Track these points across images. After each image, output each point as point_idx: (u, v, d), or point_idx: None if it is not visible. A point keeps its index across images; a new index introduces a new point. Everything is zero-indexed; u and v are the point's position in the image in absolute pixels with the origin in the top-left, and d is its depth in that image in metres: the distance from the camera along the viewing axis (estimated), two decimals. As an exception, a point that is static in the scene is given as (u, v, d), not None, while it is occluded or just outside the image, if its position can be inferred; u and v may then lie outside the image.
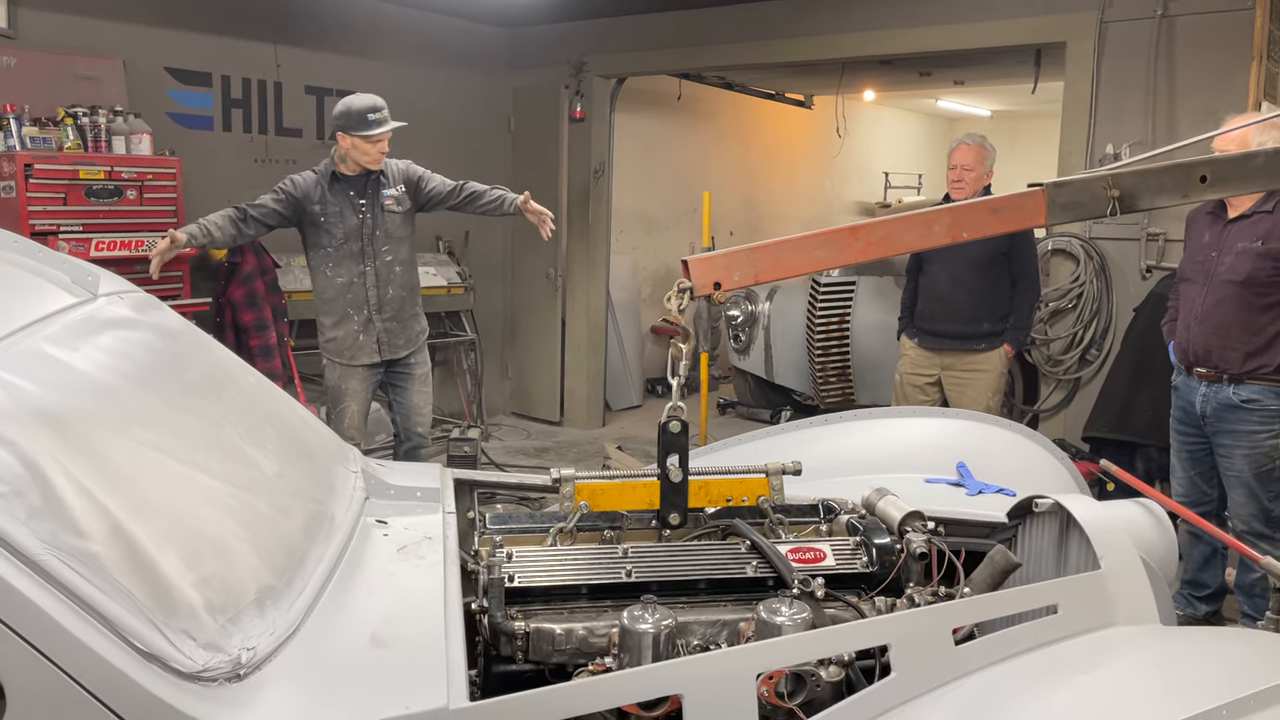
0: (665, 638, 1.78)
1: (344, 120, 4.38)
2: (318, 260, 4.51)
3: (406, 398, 4.71)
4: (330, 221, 4.45)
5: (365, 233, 4.50)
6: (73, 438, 1.46)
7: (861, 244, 2.09)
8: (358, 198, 4.49)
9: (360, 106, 4.38)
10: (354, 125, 4.36)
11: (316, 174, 4.49)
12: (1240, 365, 3.62)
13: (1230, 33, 4.88)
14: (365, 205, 4.49)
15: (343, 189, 4.47)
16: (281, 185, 4.45)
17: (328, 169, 4.50)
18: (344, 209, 4.46)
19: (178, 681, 1.32)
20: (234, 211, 4.41)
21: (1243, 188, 2.31)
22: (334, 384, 4.59)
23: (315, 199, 4.43)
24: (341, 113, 4.39)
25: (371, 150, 4.42)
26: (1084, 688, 1.75)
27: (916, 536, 2.12)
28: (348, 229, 4.46)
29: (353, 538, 1.84)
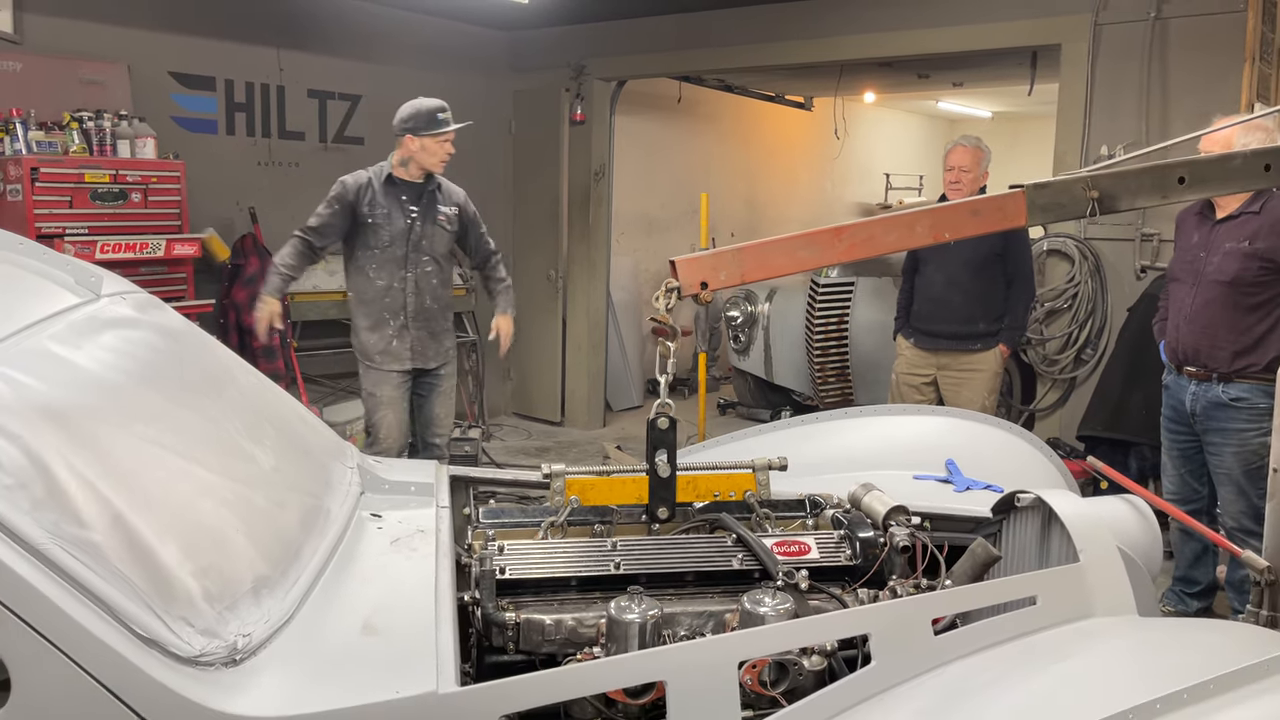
0: (651, 627, 1.83)
1: (414, 122, 4.37)
2: (361, 260, 4.49)
3: (429, 407, 4.70)
4: (378, 222, 4.43)
5: (412, 239, 4.49)
6: (76, 432, 1.52)
7: (845, 245, 2.14)
8: (409, 203, 4.48)
9: (430, 107, 4.39)
10: (424, 125, 4.37)
11: (369, 174, 4.47)
12: (1229, 364, 3.66)
13: (1223, 35, 4.93)
14: (416, 213, 4.48)
15: (395, 192, 4.46)
16: (332, 193, 4.42)
17: (382, 171, 4.48)
18: (393, 212, 4.45)
19: (176, 665, 1.38)
20: (298, 242, 4.40)
21: (1221, 188, 2.35)
22: (369, 390, 4.55)
23: (365, 199, 4.41)
24: (410, 115, 4.39)
25: (440, 150, 4.43)
26: (1059, 675, 1.80)
27: (900, 530, 2.16)
28: (394, 232, 4.45)
29: (347, 530, 1.89)
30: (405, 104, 4.44)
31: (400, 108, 4.43)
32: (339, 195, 4.39)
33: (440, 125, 4.38)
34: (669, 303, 2.10)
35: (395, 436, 4.57)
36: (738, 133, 9.97)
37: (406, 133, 4.38)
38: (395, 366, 4.52)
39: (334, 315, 6.56)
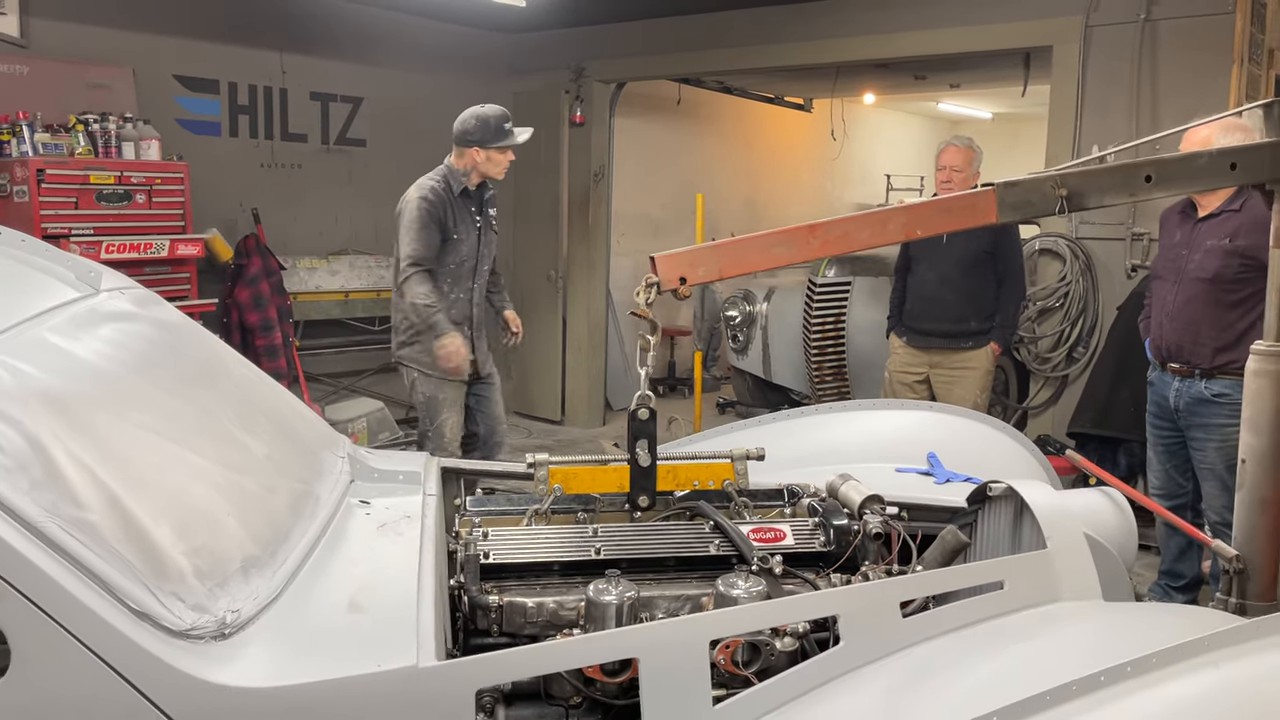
0: (628, 609, 1.89)
1: (481, 133, 4.27)
2: (436, 274, 4.36)
3: (492, 409, 4.67)
4: (460, 238, 4.36)
5: (480, 250, 4.46)
6: (73, 418, 1.59)
7: (819, 241, 2.20)
8: (476, 213, 4.44)
9: (496, 119, 4.29)
10: (493, 137, 4.28)
11: (440, 185, 4.33)
12: (1211, 360, 3.72)
13: (1212, 36, 4.99)
14: (480, 222, 4.45)
15: (465, 205, 4.39)
16: (422, 214, 4.25)
17: (454, 183, 4.36)
18: (469, 225, 4.40)
19: (167, 638, 1.45)
20: (424, 275, 4.25)
21: (1187, 187, 2.42)
22: (429, 395, 4.45)
23: (448, 216, 4.32)
24: (477, 126, 4.28)
25: (504, 161, 4.37)
26: (1021, 655, 1.86)
27: (873, 518, 2.23)
28: (469, 245, 4.41)
29: (336, 515, 1.97)
30: (467, 114, 4.33)
31: (462, 117, 4.33)
32: (431, 214, 4.27)
33: (508, 137, 4.30)
34: (648, 297, 2.17)
35: (459, 437, 4.54)
36: (737, 134, 10.04)
37: (473, 145, 4.29)
38: (458, 376, 4.43)
39: (336, 315, 6.65)
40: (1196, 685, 1.48)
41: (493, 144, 4.27)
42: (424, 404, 4.52)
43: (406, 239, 4.27)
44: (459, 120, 4.33)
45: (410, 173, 7.18)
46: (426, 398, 4.49)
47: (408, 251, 4.25)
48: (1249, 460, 2.44)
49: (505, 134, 4.29)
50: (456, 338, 4.27)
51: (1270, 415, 2.40)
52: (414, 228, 4.25)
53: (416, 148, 7.29)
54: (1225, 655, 1.51)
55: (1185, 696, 1.47)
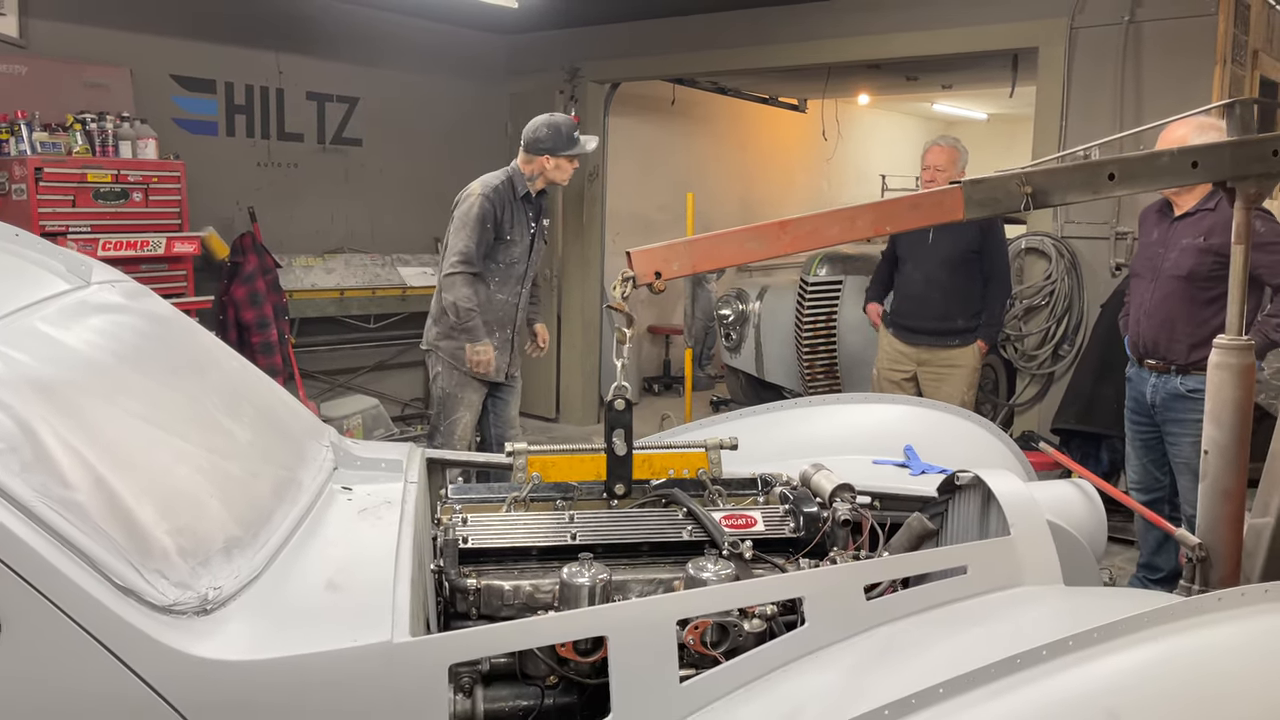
0: (600, 590, 1.96)
1: (553, 141, 4.33)
2: (485, 273, 4.41)
3: (507, 410, 4.71)
4: (514, 240, 4.41)
5: (531, 256, 4.52)
6: (62, 404, 1.66)
7: (790, 237, 2.27)
8: (533, 219, 4.50)
9: (568, 126, 4.35)
10: (564, 146, 4.34)
11: (501, 185, 4.38)
12: (1186, 356, 3.78)
13: (1195, 37, 5.05)
14: (535, 228, 4.50)
15: (523, 208, 4.45)
16: (478, 212, 4.29)
17: (518, 185, 4.41)
18: (524, 229, 4.45)
19: (151, 613, 1.51)
20: (470, 278, 4.31)
21: (1149, 185, 2.48)
22: (449, 391, 4.50)
23: (505, 215, 4.37)
24: (549, 135, 4.33)
25: (570, 169, 4.44)
26: (981, 636, 1.93)
27: (843, 505, 2.29)
28: (522, 249, 4.46)
29: (318, 500, 2.03)
30: (538, 121, 4.38)
31: (533, 124, 4.38)
32: (487, 214, 4.30)
33: (577, 145, 4.36)
34: (625, 291, 2.23)
35: (469, 437, 4.59)
36: (732, 134, 10.11)
37: (544, 152, 4.34)
38: (485, 377, 4.50)
39: (332, 313, 6.72)
40: (1135, 658, 1.54)
41: (563, 152, 4.34)
42: (441, 398, 4.56)
43: (461, 234, 4.31)
44: (530, 127, 4.38)
45: (406, 172, 7.33)
46: (446, 393, 4.53)
47: (460, 248, 4.29)
48: (1211, 451, 2.50)
49: (575, 143, 4.35)
50: (489, 347, 4.35)
51: (1231, 408, 2.46)
52: (470, 224, 4.29)
53: (412, 148, 7.40)
54: (1165, 630, 1.58)
55: (1123, 669, 1.53)
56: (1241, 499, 2.50)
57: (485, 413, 4.71)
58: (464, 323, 4.33)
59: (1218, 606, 1.63)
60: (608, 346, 8.25)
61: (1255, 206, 2.48)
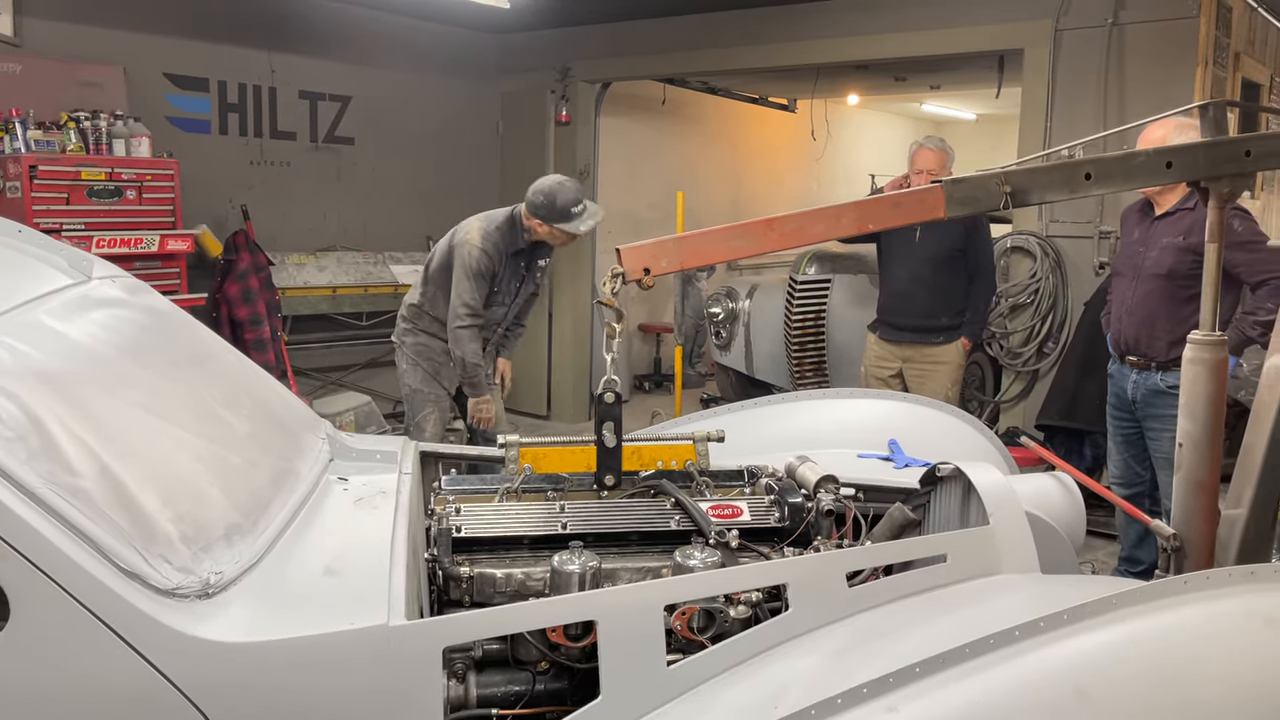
0: (590, 577, 2.02)
1: (547, 212, 4.20)
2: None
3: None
4: (502, 291, 4.40)
5: (516, 300, 4.52)
6: (68, 395, 1.71)
7: (775, 234, 2.33)
8: (525, 268, 4.46)
9: (566, 201, 4.20)
10: (556, 218, 4.21)
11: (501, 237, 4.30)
12: (1166, 353, 3.85)
13: (1177, 39, 5.13)
14: (526, 274, 4.49)
15: (516, 260, 4.40)
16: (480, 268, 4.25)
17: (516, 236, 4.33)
18: (513, 279, 4.44)
19: (154, 596, 1.57)
20: (474, 332, 4.30)
21: (1125, 184, 2.54)
22: (415, 387, 4.52)
23: (499, 269, 4.33)
24: (544, 204, 4.20)
25: (564, 238, 4.31)
26: (959, 621, 1.99)
27: (826, 496, 2.35)
28: (505, 295, 4.45)
29: (315, 490, 2.08)
30: (545, 183, 4.26)
31: (538, 185, 4.26)
32: (488, 270, 4.28)
33: (569, 221, 4.22)
34: (614, 287, 2.28)
35: (440, 433, 4.60)
36: (722, 134, 10.17)
37: (537, 218, 4.24)
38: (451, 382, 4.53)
39: (324, 310, 6.76)
40: (1103, 638, 1.61)
41: (555, 224, 4.23)
42: (409, 396, 4.60)
43: (465, 286, 4.25)
44: (535, 187, 4.27)
45: (398, 171, 7.37)
46: (413, 390, 4.57)
47: (466, 300, 4.25)
48: (1185, 444, 2.57)
49: (567, 218, 4.21)
50: (491, 403, 4.39)
51: (1205, 401, 2.52)
52: (473, 278, 4.25)
53: (404, 147, 7.45)
54: (1132, 612, 1.65)
55: (1091, 649, 1.60)
56: (1215, 491, 2.57)
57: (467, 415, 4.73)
58: (471, 377, 4.34)
59: (1184, 590, 1.70)
60: (598, 344, 8.29)
61: (1229, 205, 2.55)
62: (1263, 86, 6.18)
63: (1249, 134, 2.64)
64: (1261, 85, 6.15)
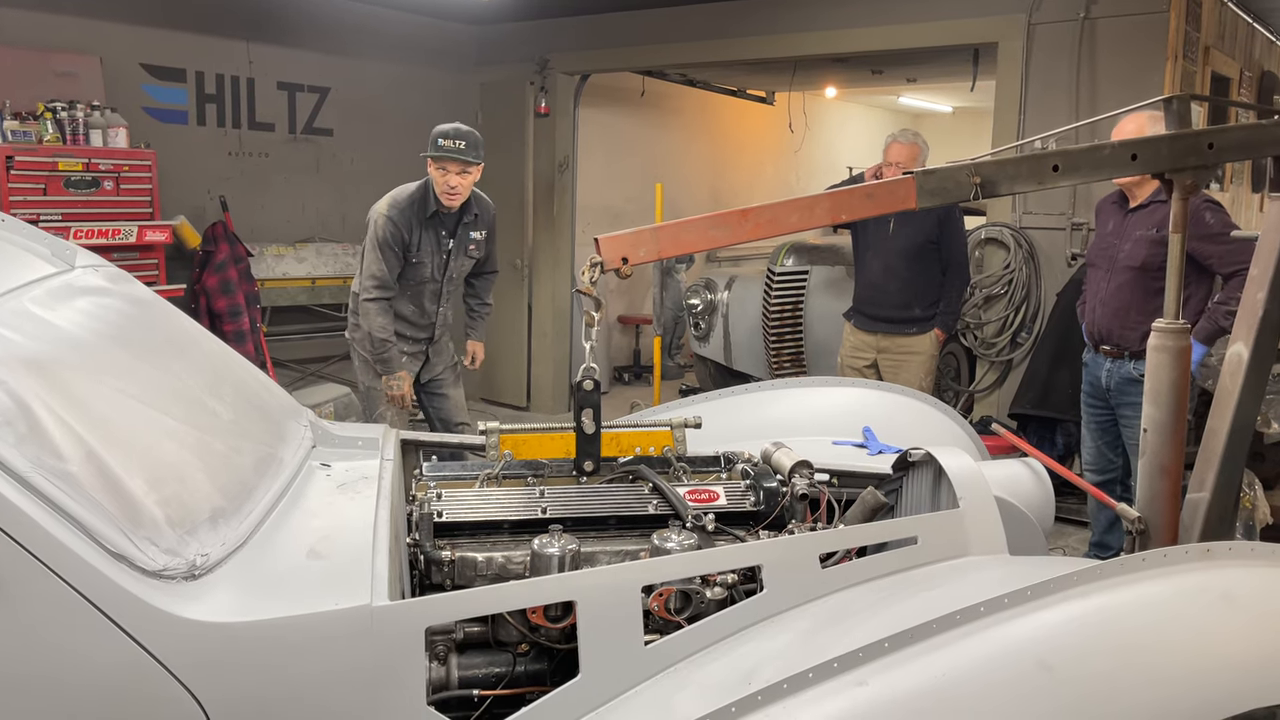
0: (569, 560, 2.06)
1: (429, 149, 4.18)
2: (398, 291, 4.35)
3: (446, 405, 4.68)
4: (421, 262, 4.30)
5: (448, 275, 4.42)
6: (53, 381, 1.73)
7: (751, 224, 2.37)
8: (448, 237, 4.35)
9: (438, 132, 4.17)
10: (431, 153, 4.18)
11: (410, 204, 4.25)
12: (1139, 343, 3.92)
13: (1148, 34, 5.21)
14: (452, 247, 4.37)
15: (434, 226, 4.31)
16: (384, 236, 4.18)
17: (423, 204, 4.27)
18: (433, 250, 4.33)
19: (141, 577, 1.60)
20: (383, 304, 4.24)
21: (1091, 176, 2.59)
22: (369, 385, 4.47)
23: (412, 239, 4.25)
24: (430, 138, 4.19)
25: (441, 181, 4.20)
26: (928, 601, 2.04)
27: (801, 481, 2.41)
28: (432, 267, 4.35)
29: (298, 476, 2.12)
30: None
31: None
32: (393, 236, 4.19)
33: (437, 150, 4.14)
34: (593, 276, 2.32)
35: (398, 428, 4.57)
36: (701, 126, 10.21)
37: (429, 160, 4.20)
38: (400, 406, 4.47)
39: (303, 301, 6.76)
40: (1066, 613, 1.67)
41: (430, 157, 4.19)
42: (364, 393, 4.57)
43: (372, 258, 4.21)
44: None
45: (377, 162, 7.37)
46: (366, 388, 4.53)
47: (373, 271, 4.21)
48: (1150, 430, 2.63)
49: (434, 148, 4.13)
50: (405, 379, 4.30)
51: (1169, 388, 2.59)
52: (379, 248, 4.20)
53: (383, 138, 7.45)
54: (1094, 588, 1.70)
55: (1055, 623, 1.66)
56: (1178, 475, 2.63)
57: (426, 411, 4.72)
58: (379, 353, 4.26)
59: (1143, 566, 1.76)
60: (578, 336, 8.33)
61: (1198, 197, 2.61)
62: (1232, 80, 6.28)
63: (1212, 127, 2.71)
64: (1231, 79, 6.25)
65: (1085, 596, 1.69)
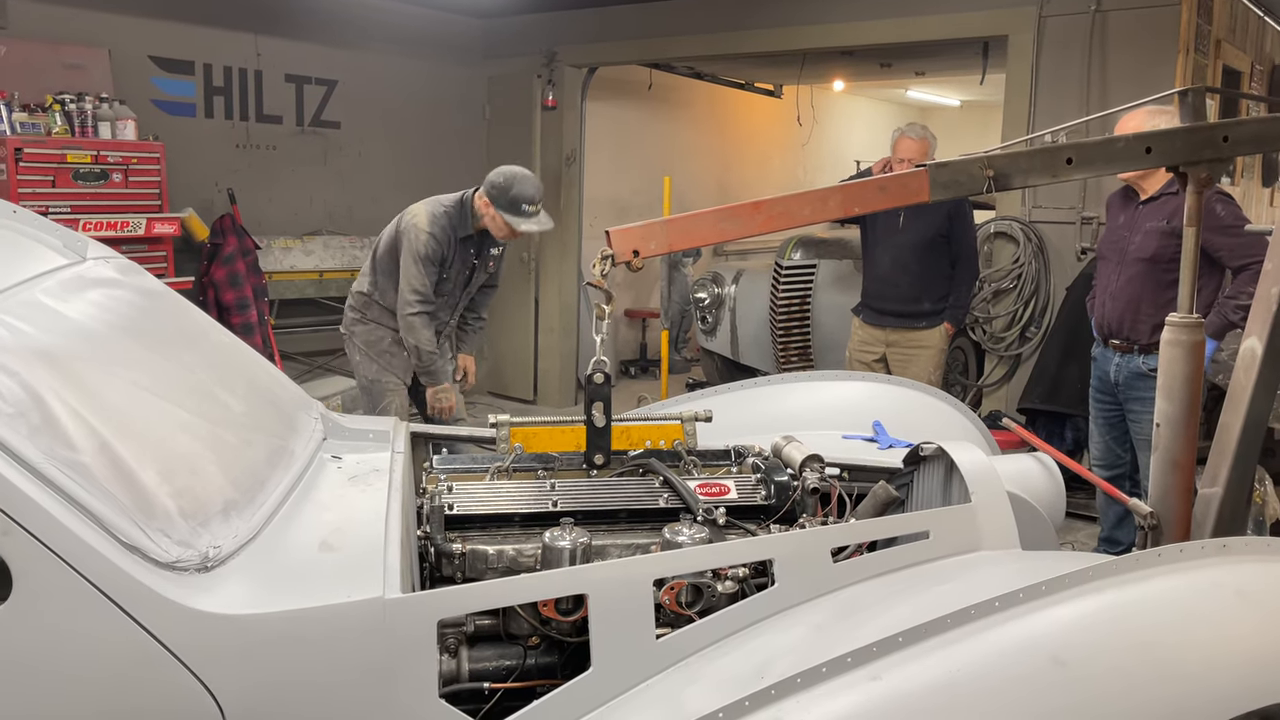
0: (580, 553, 2.05)
1: (498, 196, 4.12)
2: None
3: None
4: (450, 278, 4.32)
5: (466, 290, 4.44)
6: (66, 372, 1.73)
7: (763, 217, 2.36)
8: (474, 256, 4.37)
9: (517, 194, 4.10)
10: (504, 206, 4.13)
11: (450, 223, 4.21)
12: (1148, 336, 3.91)
13: (1159, 27, 5.18)
14: (477, 263, 4.41)
15: (465, 246, 4.31)
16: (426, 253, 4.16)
17: (466, 220, 4.23)
18: (463, 267, 4.35)
19: (154, 569, 1.60)
20: (425, 318, 4.23)
21: (1106, 169, 2.59)
22: (372, 378, 4.44)
23: (448, 254, 4.24)
24: (498, 188, 4.11)
25: (504, 230, 4.20)
26: (939, 595, 2.04)
27: (812, 474, 2.40)
28: (455, 284, 4.37)
29: (309, 468, 2.11)
30: (508, 169, 4.18)
31: (501, 168, 4.19)
32: (437, 255, 4.20)
33: (518, 215, 4.13)
34: (604, 269, 2.31)
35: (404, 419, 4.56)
36: (709, 119, 10.20)
37: (488, 198, 4.15)
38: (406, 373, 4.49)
39: (310, 294, 6.76)
40: (1080, 609, 1.66)
41: (500, 210, 4.15)
42: (367, 387, 4.51)
43: (413, 272, 4.18)
44: (501, 168, 4.20)
45: (384, 155, 7.37)
46: (369, 381, 4.48)
47: (415, 286, 4.18)
48: (1163, 424, 2.62)
49: (516, 211, 4.12)
50: (451, 391, 4.32)
51: (1182, 382, 2.58)
52: (420, 263, 4.17)
53: (390, 130, 7.44)
54: (1108, 584, 1.70)
55: (1068, 619, 1.65)
56: (1191, 470, 2.62)
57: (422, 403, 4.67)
58: (427, 365, 4.27)
59: (1158, 562, 1.75)
60: (585, 330, 8.34)
61: (1209, 190, 2.60)
62: (1243, 74, 6.24)
63: (1226, 119, 2.69)
64: (1242, 72, 6.22)
65: (1100, 592, 1.68)
